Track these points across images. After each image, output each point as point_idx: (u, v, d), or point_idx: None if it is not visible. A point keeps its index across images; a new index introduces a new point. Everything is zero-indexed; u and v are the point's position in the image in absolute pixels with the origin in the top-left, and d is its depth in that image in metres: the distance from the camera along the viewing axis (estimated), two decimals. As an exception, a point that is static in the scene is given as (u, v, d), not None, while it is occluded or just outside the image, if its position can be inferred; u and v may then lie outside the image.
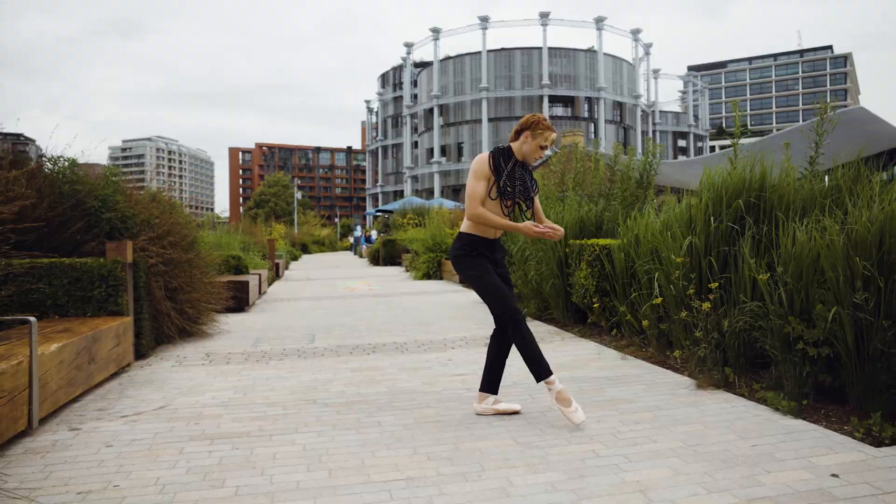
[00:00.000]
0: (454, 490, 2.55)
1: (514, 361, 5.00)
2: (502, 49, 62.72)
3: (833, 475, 2.57)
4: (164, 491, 2.61)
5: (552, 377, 3.31)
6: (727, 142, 66.04)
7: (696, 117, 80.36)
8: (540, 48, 61.13)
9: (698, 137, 79.25)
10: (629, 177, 7.15)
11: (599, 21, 61.69)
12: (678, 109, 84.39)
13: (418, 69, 72.10)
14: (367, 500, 2.47)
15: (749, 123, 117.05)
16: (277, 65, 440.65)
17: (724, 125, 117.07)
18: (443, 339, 6.22)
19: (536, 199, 3.65)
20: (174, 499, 2.53)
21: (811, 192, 4.47)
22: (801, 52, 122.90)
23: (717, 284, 4.20)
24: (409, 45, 70.67)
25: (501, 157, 3.49)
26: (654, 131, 72.13)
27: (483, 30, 61.53)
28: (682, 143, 78.31)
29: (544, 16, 60.28)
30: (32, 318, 3.52)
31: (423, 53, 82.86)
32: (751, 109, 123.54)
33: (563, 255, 6.66)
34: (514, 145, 3.51)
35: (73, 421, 3.69)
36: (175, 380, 4.73)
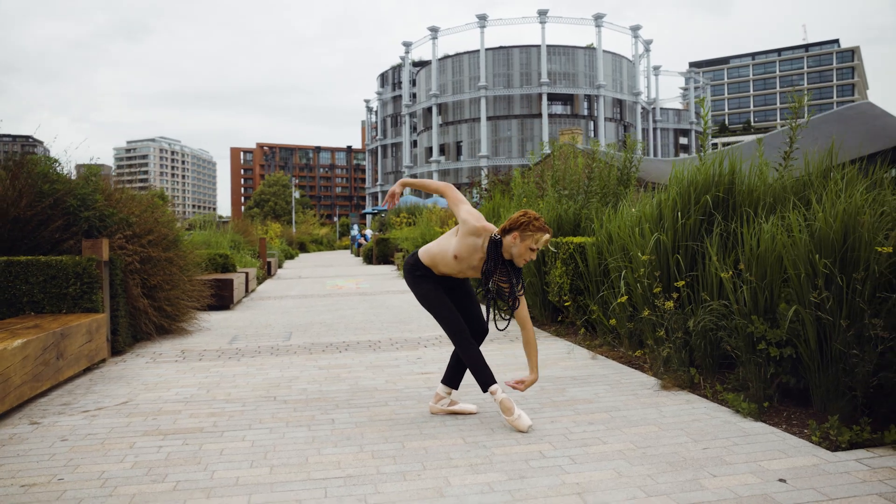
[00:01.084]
0: (390, 489, 2.52)
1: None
2: (500, 47, 62.65)
3: (780, 480, 2.52)
4: (106, 485, 2.62)
5: (495, 386, 3.28)
6: (730, 139, 65.87)
7: (697, 114, 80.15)
8: (538, 46, 61.04)
9: (700, 134, 79.07)
10: (608, 173, 7.16)
11: (598, 18, 61.57)
12: (680, 106, 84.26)
13: (417, 68, 72.09)
14: (301, 497, 2.45)
15: (752, 120, 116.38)
16: (279, 66, 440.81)
17: (726, 122, 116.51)
18: (417, 338, 6.21)
19: (522, 301, 3.37)
20: (113, 492, 2.54)
21: (782, 188, 4.40)
22: (807, 47, 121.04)
23: (683, 283, 4.18)
24: (407, 45, 70.64)
25: (493, 251, 3.26)
26: (654, 129, 72.12)
27: (481, 28, 61.47)
28: (683, 140, 78.19)
29: (543, 13, 60.19)
30: (-7, 315, 3.56)
31: (422, 52, 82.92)
32: (754, 106, 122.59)
33: (540, 253, 6.68)
34: (504, 242, 3.25)
35: (36, 415, 3.72)
36: (144, 376, 4.74)
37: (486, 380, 3.30)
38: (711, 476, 2.59)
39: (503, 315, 3.40)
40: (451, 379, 3.58)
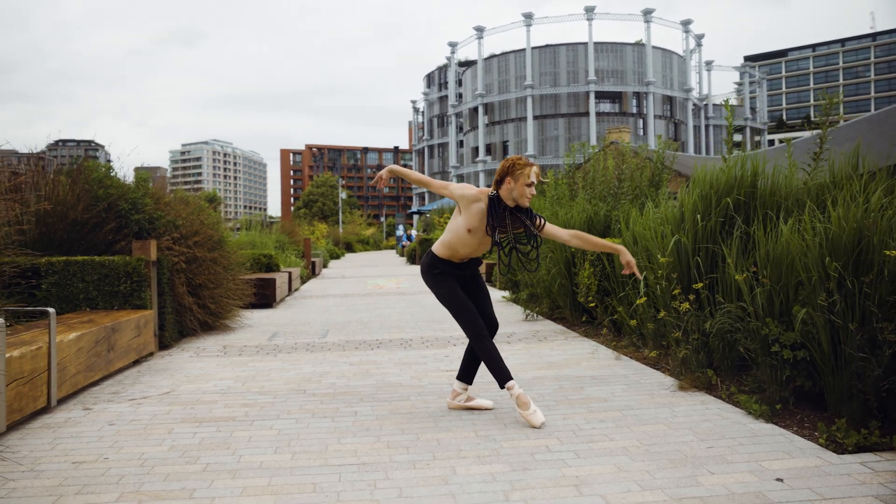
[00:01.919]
0: (399, 476, 2.69)
1: (506, 360, 5.15)
2: (547, 45, 62.27)
3: (778, 479, 2.57)
4: (145, 464, 2.89)
5: (511, 382, 3.42)
6: (788, 135, 63.83)
7: (752, 110, 77.96)
8: (586, 43, 60.48)
9: (756, 131, 76.94)
10: (640, 174, 7.21)
11: (647, 13, 60.65)
12: (734, 102, 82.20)
13: (463, 68, 72.29)
14: (316, 480, 2.65)
15: (812, 115, 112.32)
16: (328, 68, 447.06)
17: (784, 117, 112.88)
18: (448, 336, 6.37)
19: (547, 227, 3.60)
20: (151, 470, 2.81)
21: (806, 190, 4.37)
22: (874, 36, 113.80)
23: (701, 285, 4.23)
24: (453, 45, 70.84)
25: (493, 206, 3.45)
26: (707, 125, 70.62)
27: (527, 27, 61.24)
28: (737, 136, 76.26)
29: (590, 10, 59.61)
30: (51, 310, 3.89)
31: (468, 52, 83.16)
32: (814, 100, 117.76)
33: (570, 255, 6.78)
34: (502, 193, 3.47)
35: (88, 402, 4.06)
36: (187, 369, 5.06)
37: (503, 376, 3.44)
38: (709, 473, 2.66)
39: (529, 259, 3.62)
40: (465, 375, 3.74)
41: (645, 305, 4.89)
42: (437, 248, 3.65)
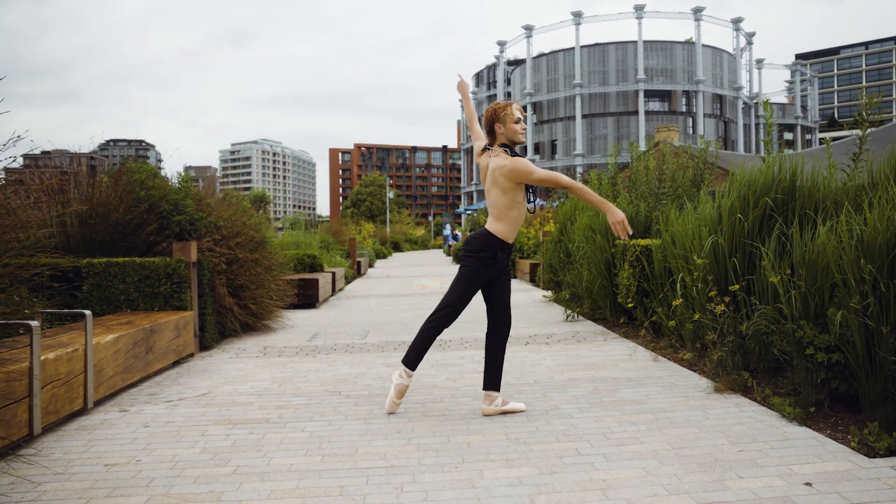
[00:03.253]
0: (426, 479, 2.71)
1: (543, 361, 5.14)
2: (596, 44, 61.66)
3: (806, 483, 2.53)
4: (176, 466, 2.94)
5: (411, 371, 3.69)
6: (839, 133, 61.72)
7: (804, 108, 75.79)
8: (635, 42, 59.65)
9: (807, 129, 74.73)
10: (683, 174, 7.05)
11: (697, 11, 59.48)
12: (785, 100, 79.88)
13: (512, 67, 72.12)
14: (343, 483, 2.67)
15: (864, 114, 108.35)
16: (378, 67, 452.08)
17: (835, 115, 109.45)
18: (486, 338, 6.35)
19: None
20: (181, 473, 2.85)
21: (844, 191, 4.26)
22: None
23: (737, 286, 4.13)
24: (502, 44, 70.75)
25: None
26: (757, 124, 68.77)
27: (576, 25, 60.72)
28: (788, 135, 74.08)
29: (639, 9, 58.77)
30: (87, 312, 3.96)
31: (517, 51, 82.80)
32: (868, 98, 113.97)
33: (610, 255, 6.67)
34: (498, 140, 3.63)
35: (125, 403, 4.13)
36: (225, 370, 5.13)
37: (412, 362, 3.69)
38: (738, 477, 2.63)
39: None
40: (491, 382, 3.71)
41: (682, 307, 4.78)
42: (499, 228, 3.58)
